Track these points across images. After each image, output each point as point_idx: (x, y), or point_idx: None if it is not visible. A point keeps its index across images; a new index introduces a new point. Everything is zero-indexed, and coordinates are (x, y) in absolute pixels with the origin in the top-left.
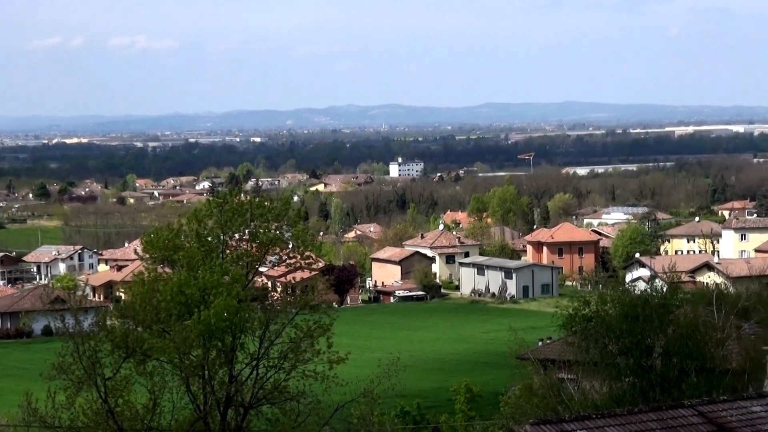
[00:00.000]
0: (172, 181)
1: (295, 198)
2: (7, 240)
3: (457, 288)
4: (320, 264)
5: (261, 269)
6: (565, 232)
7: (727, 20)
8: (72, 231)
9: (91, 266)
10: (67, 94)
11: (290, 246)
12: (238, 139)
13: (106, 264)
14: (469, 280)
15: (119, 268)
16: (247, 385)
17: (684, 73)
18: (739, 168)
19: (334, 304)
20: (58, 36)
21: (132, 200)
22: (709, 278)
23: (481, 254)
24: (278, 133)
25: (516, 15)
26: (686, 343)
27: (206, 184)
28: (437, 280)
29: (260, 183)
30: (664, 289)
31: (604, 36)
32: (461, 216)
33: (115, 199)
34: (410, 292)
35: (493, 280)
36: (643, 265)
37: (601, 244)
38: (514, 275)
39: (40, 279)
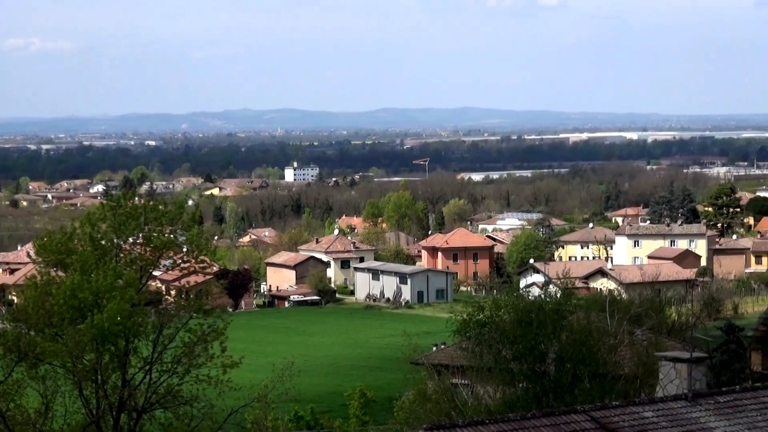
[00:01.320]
0: (66, 184)
1: (190, 202)
2: None
3: (352, 293)
4: (214, 268)
5: (155, 273)
6: (459, 237)
7: (623, 29)
8: None
9: None
10: None
11: (184, 250)
12: (132, 143)
13: None
14: (363, 285)
15: (12, 272)
16: (141, 389)
17: (580, 81)
18: (633, 175)
19: (229, 309)
20: None
21: (25, 203)
22: (602, 284)
23: (376, 259)
24: (173, 136)
25: (414, 20)
26: (579, 348)
27: (100, 188)
28: (332, 285)
29: (155, 187)
30: (558, 295)
31: (502, 42)
32: (356, 221)
33: (8, 202)
34: (305, 296)
35: (388, 285)
36: (537, 271)
37: (496, 249)
38: (408, 280)
39: None
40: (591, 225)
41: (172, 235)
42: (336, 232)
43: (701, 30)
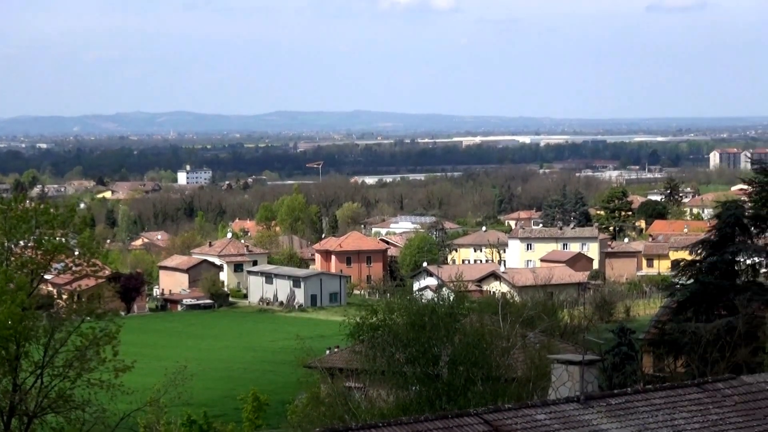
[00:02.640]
0: None
1: (81, 205)
2: None
3: (246, 296)
4: (106, 272)
5: (46, 277)
6: (353, 241)
7: (516, 33)
8: None
9: None
10: None
11: (76, 253)
12: (23, 145)
13: None
14: (257, 289)
15: None
16: (32, 393)
17: (473, 84)
18: (526, 178)
19: (121, 313)
20: None
21: None
22: (495, 287)
23: (269, 263)
24: (65, 139)
25: (306, 23)
26: (472, 351)
27: None
28: (225, 289)
29: (46, 190)
30: (451, 298)
31: (395, 45)
32: (250, 224)
33: None
34: (198, 300)
35: (282, 288)
36: (431, 274)
37: (390, 253)
38: (302, 284)
39: None
40: (484, 228)
41: (63, 239)
42: (229, 235)
43: (593, 34)
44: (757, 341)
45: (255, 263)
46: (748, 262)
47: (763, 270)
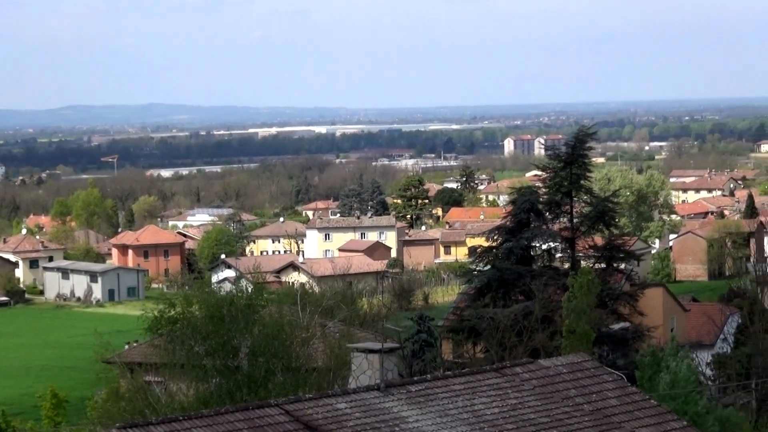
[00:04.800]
0: None
1: None
2: None
3: (42, 293)
4: None
5: None
6: (150, 234)
7: (309, 24)
8: None
9: None
10: None
11: None
12: None
13: None
14: (53, 285)
15: None
16: None
17: (267, 75)
18: (322, 168)
19: None
20: None
21: None
22: (294, 278)
23: (65, 258)
24: None
25: (97, 17)
26: (272, 342)
27: None
28: (21, 285)
29: None
30: (250, 290)
31: (187, 37)
32: (45, 220)
33: None
34: None
35: (79, 284)
36: (229, 266)
37: (187, 246)
38: (99, 279)
39: None
40: (282, 219)
41: None
42: (24, 231)
43: (387, 25)
44: (554, 325)
45: (51, 259)
46: (544, 247)
47: (558, 255)
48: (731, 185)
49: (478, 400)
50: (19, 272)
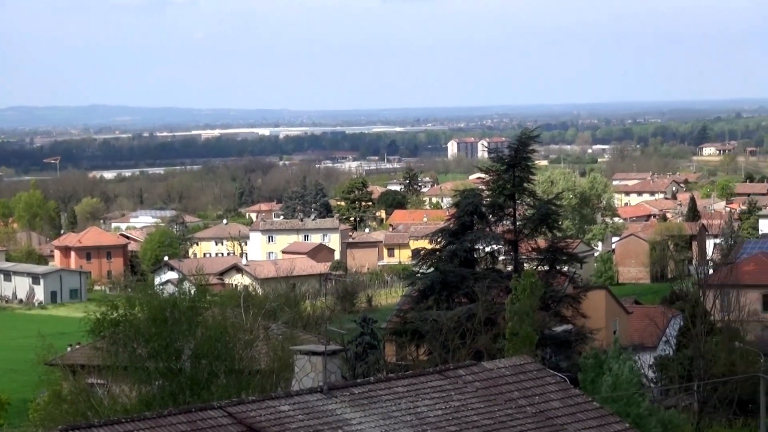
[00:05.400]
0: None
1: None
2: None
3: None
4: None
5: None
6: (93, 236)
7: (253, 25)
8: None
9: None
10: None
11: None
12: None
13: None
14: None
15: None
16: None
17: (211, 77)
18: (266, 170)
19: None
20: None
21: None
22: (237, 280)
23: (7, 260)
24: None
25: (39, 17)
26: (215, 345)
27: None
28: None
29: None
30: (193, 292)
31: (131, 38)
32: None
33: None
34: None
35: (21, 285)
36: (172, 268)
37: (130, 248)
38: (41, 281)
39: None
40: (225, 221)
41: None
42: None
43: (331, 27)
44: (497, 327)
45: None
46: (487, 249)
47: (501, 257)
48: (673, 188)
49: (422, 402)
50: None
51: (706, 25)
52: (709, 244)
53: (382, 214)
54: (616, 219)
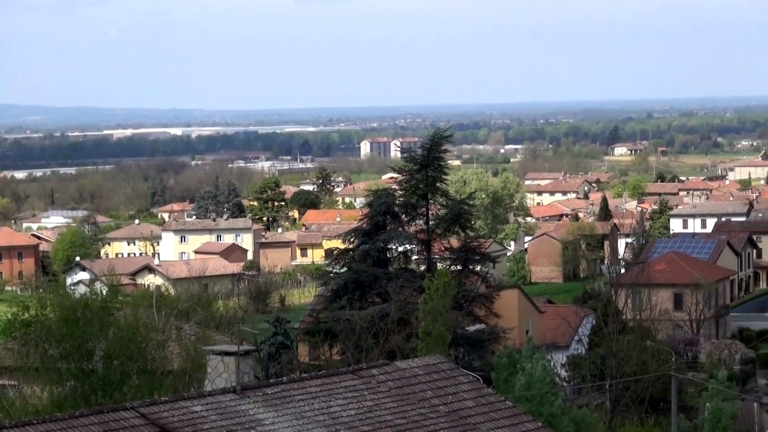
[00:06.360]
0: None
1: None
2: None
3: None
4: None
5: None
6: (3, 236)
7: (166, 24)
8: None
9: None
10: None
11: None
12: None
13: None
14: None
15: None
16: None
17: (123, 76)
18: (178, 170)
19: None
20: None
21: None
22: (149, 280)
23: None
24: None
25: None
26: (127, 345)
27: None
28: None
29: None
30: (105, 292)
31: (43, 37)
32: None
33: None
34: None
35: None
36: (84, 269)
37: (42, 248)
38: None
39: None
40: (137, 221)
41: None
42: None
43: (243, 26)
44: (410, 327)
45: None
46: (400, 249)
47: (414, 257)
48: (585, 188)
49: (335, 402)
50: None
51: (617, 26)
52: (621, 243)
53: (295, 214)
54: (528, 219)
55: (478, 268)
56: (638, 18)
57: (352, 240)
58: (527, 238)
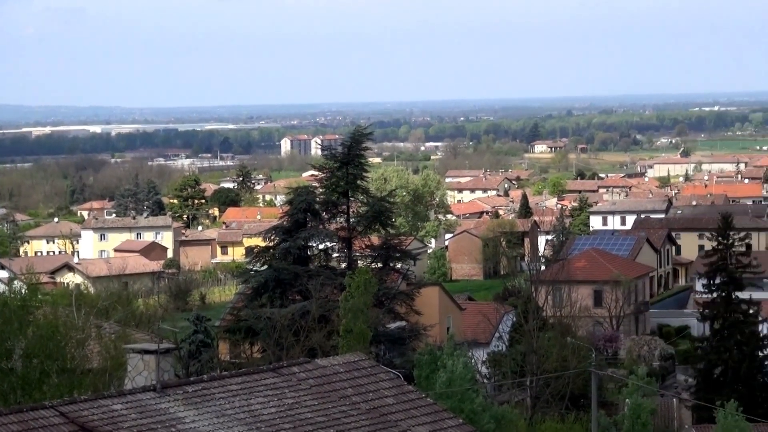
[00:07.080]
0: None
1: None
2: None
3: None
4: None
5: None
6: None
7: (83, 20)
8: None
9: None
10: None
11: None
12: None
13: None
14: None
15: None
16: None
17: (41, 73)
18: (97, 168)
19: None
20: None
21: None
22: (69, 279)
23: None
24: None
25: None
26: (47, 344)
27: None
28: None
29: None
30: (24, 291)
31: None
32: None
33: None
34: None
35: None
36: (2, 267)
37: None
38: None
39: None
40: (56, 219)
41: None
42: None
43: (162, 23)
44: (331, 325)
45: None
46: (321, 247)
47: (335, 254)
48: (506, 185)
49: (255, 400)
50: None
51: (537, 24)
52: (541, 240)
53: (216, 211)
54: (449, 216)
55: (399, 265)
56: (557, 16)
57: (272, 238)
58: (448, 236)
